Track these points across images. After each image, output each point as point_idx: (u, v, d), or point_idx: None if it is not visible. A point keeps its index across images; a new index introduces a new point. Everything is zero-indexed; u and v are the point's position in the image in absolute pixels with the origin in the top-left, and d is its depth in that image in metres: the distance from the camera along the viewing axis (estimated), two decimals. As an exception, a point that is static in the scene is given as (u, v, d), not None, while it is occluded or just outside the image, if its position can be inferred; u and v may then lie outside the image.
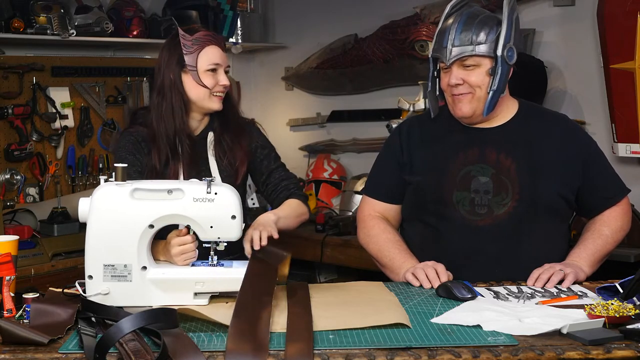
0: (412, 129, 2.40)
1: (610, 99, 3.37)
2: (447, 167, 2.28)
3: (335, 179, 4.45)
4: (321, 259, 3.99)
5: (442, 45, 2.23)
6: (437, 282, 2.08)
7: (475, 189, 2.25)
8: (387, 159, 2.42)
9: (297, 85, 4.80)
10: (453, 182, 2.26)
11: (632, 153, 3.32)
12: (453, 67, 2.22)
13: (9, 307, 1.83)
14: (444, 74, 2.27)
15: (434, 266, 2.15)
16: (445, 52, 2.22)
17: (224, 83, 2.34)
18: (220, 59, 2.35)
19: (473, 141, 2.29)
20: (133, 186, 1.89)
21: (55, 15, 3.64)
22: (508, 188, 2.23)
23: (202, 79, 2.31)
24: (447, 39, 2.22)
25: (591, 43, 3.59)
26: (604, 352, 1.61)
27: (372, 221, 2.39)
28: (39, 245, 3.41)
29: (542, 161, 2.26)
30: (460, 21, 2.23)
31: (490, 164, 2.26)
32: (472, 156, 2.27)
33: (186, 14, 4.18)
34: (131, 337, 1.60)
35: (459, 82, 2.22)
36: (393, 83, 4.36)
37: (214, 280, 1.91)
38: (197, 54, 2.32)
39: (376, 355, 1.58)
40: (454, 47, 2.21)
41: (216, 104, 2.35)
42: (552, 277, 2.11)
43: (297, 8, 4.71)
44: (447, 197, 2.26)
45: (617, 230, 2.33)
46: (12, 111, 3.67)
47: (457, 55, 2.21)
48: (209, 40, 2.33)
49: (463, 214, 2.24)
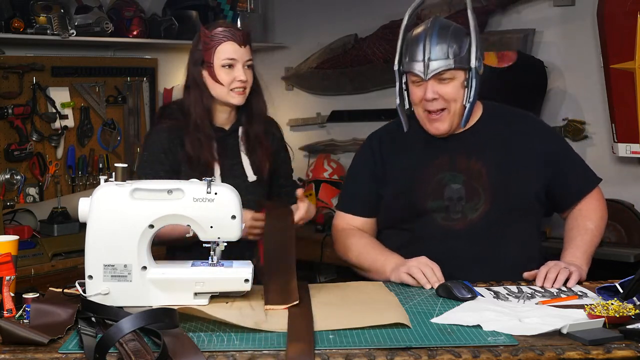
0: (383, 140, 2.38)
1: (610, 99, 3.37)
2: (420, 176, 2.28)
3: (335, 179, 4.45)
4: (321, 259, 3.99)
5: (416, 59, 2.19)
6: (437, 284, 2.07)
7: (449, 196, 2.25)
8: (361, 172, 2.40)
9: (297, 85, 4.80)
10: (426, 192, 2.26)
11: (632, 153, 3.32)
12: (429, 80, 2.19)
13: (9, 307, 1.83)
14: (415, 87, 2.23)
15: (428, 264, 2.13)
16: (422, 66, 2.18)
17: (241, 78, 2.35)
18: (235, 54, 2.35)
19: (443, 149, 2.29)
20: (133, 186, 1.89)
21: (55, 15, 3.64)
22: (480, 193, 2.24)
23: (218, 75, 2.34)
24: (422, 51, 2.18)
25: (591, 43, 3.59)
26: (604, 352, 1.61)
27: (346, 231, 2.38)
28: (39, 245, 3.41)
29: (512, 162, 2.27)
30: (434, 33, 2.19)
31: (461, 171, 2.26)
32: (443, 164, 2.27)
33: (186, 14, 4.19)
34: (131, 337, 1.60)
35: (435, 96, 2.19)
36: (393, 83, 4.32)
37: (214, 280, 1.91)
38: (213, 50, 2.34)
39: (376, 355, 1.58)
40: (431, 60, 2.17)
41: (236, 99, 2.37)
42: (559, 276, 2.11)
43: (297, 8, 4.71)
44: (421, 206, 2.26)
45: (599, 221, 2.34)
46: (12, 111, 3.67)
47: (436, 70, 2.17)
48: (225, 36, 2.34)
49: (438, 221, 2.25)
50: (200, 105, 2.36)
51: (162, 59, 4.38)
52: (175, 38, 4.15)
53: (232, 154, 2.43)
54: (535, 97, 3.69)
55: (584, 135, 3.67)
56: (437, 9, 4.07)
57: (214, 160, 2.36)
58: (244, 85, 2.37)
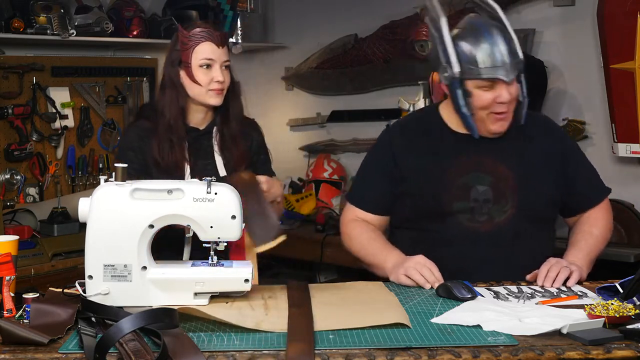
0: (401, 139, 2.36)
1: (610, 99, 3.37)
2: (444, 177, 2.26)
3: (335, 179, 4.45)
4: (321, 259, 4.00)
5: (495, 64, 2.14)
6: (437, 282, 2.08)
7: (475, 198, 2.24)
8: (375, 169, 2.38)
9: (297, 85, 4.80)
10: (452, 193, 2.25)
11: (632, 153, 3.32)
12: (499, 82, 2.16)
13: (9, 307, 1.83)
14: (483, 91, 2.17)
15: (426, 264, 2.13)
16: (504, 70, 2.15)
17: (219, 79, 2.35)
18: (213, 55, 2.35)
19: (467, 149, 2.28)
20: (133, 186, 1.89)
21: (55, 15, 3.64)
22: (507, 196, 2.24)
23: (196, 75, 2.34)
24: (499, 55, 2.14)
25: (591, 43, 3.59)
26: (604, 352, 1.61)
27: (353, 223, 2.38)
28: (39, 245, 3.41)
29: (534, 166, 2.28)
30: (498, 34, 2.17)
31: (487, 173, 2.25)
32: (469, 165, 2.26)
33: (186, 14, 4.19)
34: (131, 337, 1.60)
35: (511, 97, 2.18)
36: (393, 83, 4.36)
37: (214, 280, 1.91)
38: (191, 50, 2.35)
39: (376, 355, 1.58)
40: (508, 63, 2.14)
41: (214, 99, 2.37)
42: (560, 274, 2.11)
43: (297, 8, 4.71)
44: (446, 208, 2.25)
45: (605, 229, 2.35)
46: (12, 111, 3.67)
47: (516, 70, 2.15)
48: (203, 36, 2.35)
49: (463, 222, 2.24)
50: (175, 106, 2.36)
51: (162, 59, 4.34)
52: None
53: (205, 154, 2.41)
54: (536, 97, 3.68)
55: (584, 135, 3.67)
56: (437, 9, 4.07)
57: (184, 160, 2.36)
58: (222, 87, 2.37)
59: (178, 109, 2.36)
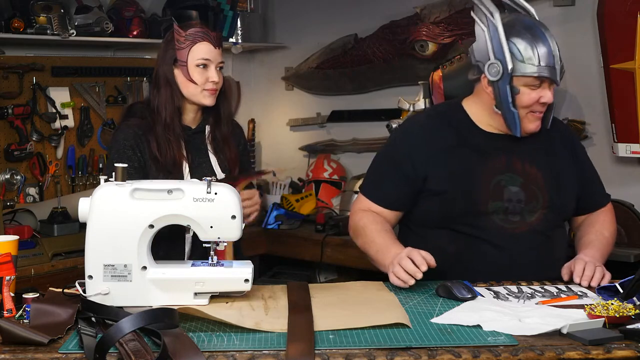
0: (419, 137, 2.31)
1: (610, 99, 3.37)
2: (478, 176, 2.24)
3: (335, 179, 4.45)
4: (321, 259, 3.99)
5: (549, 64, 2.15)
6: (419, 274, 2.01)
7: (509, 198, 2.23)
8: (392, 168, 2.32)
9: (297, 85, 4.80)
10: (486, 193, 2.23)
11: (632, 153, 3.32)
12: (545, 82, 2.17)
13: (9, 307, 1.83)
14: (530, 90, 2.18)
15: (409, 255, 2.04)
16: (555, 72, 2.16)
17: (214, 79, 2.37)
18: (210, 55, 2.37)
19: (497, 147, 2.27)
20: (133, 186, 1.89)
21: (55, 15, 3.64)
22: (538, 197, 2.25)
23: (192, 74, 2.36)
24: (552, 56, 2.16)
25: (591, 43, 3.59)
26: (604, 352, 1.61)
27: (362, 213, 2.33)
28: (39, 245, 3.40)
29: (559, 166, 2.30)
30: (551, 35, 2.18)
31: (518, 173, 2.25)
32: (500, 164, 2.25)
33: (186, 14, 4.18)
34: (131, 337, 1.60)
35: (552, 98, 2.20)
36: (393, 83, 4.35)
37: (214, 280, 1.91)
38: (188, 50, 2.36)
39: (376, 355, 1.58)
40: (558, 64, 2.17)
41: (208, 99, 2.40)
42: (596, 274, 2.11)
43: (297, 8, 4.71)
44: (482, 207, 2.22)
45: (614, 233, 2.39)
46: (12, 111, 3.67)
47: (561, 73, 2.17)
48: (200, 36, 2.36)
49: (498, 223, 2.23)
50: (171, 104, 2.38)
51: (162, 59, 4.38)
52: (175, 38, 4.15)
53: (199, 153, 2.44)
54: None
55: (584, 135, 3.67)
56: (437, 9, 4.07)
57: (183, 158, 2.37)
58: (216, 87, 2.39)
59: (174, 107, 2.38)
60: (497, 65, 2.17)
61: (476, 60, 2.24)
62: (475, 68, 2.26)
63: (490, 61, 2.18)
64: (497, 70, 2.17)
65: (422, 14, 4.12)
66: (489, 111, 2.26)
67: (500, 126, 2.27)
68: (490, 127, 2.29)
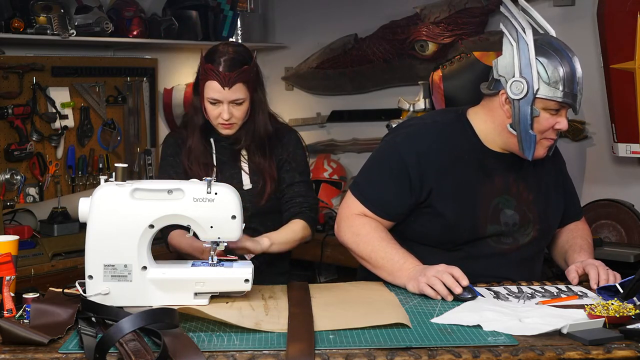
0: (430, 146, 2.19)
1: (610, 99, 3.37)
2: (479, 199, 2.18)
3: (335, 179, 4.45)
4: (321, 259, 3.99)
5: (574, 91, 2.07)
6: (458, 289, 1.97)
7: (505, 221, 2.21)
8: (395, 175, 2.19)
9: (297, 85, 4.80)
10: (485, 217, 2.19)
11: (632, 153, 3.32)
12: (564, 109, 2.11)
13: (9, 307, 1.83)
14: (549, 114, 2.09)
15: (448, 271, 2.00)
16: (577, 100, 2.09)
17: (224, 117, 2.38)
18: (217, 95, 2.36)
19: (495, 168, 2.21)
20: (133, 186, 1.89)
21: (55, 15, 3.64)
22: (530, 219, 2.24)
23: (206, 107, 2.41)
24: (577, 81, 2.07)
25: (591, 43, 3.59)
26: (604, 352, 1.61)
27: (360, 219, 2.20)
28: (39, 245, 3.41)
29: (546, 185, 2.28)
30: (578, 61, 2.09)
31: (512, 195, 2.22)
32: (498, 186, 2.21)
33: (186, 14, 4.19)
34: (131, 337, 1.60)
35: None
36: (393, 83, 4.36)
37: (214, 280, 1.91)
38: (203, 83, 2.39)
39: (376, 355, 1.58)
40: (581, 92, 2.10)
41: (224, 131, 2.44)
42: (610, 277, 2.09)
43: (297, 8, 4.71)
44: (480, 232, 2.19)
45: (591, 242, 2.40)
46: (12, 111, 3.67)
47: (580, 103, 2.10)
48: (211, 75, 2.35)
49: (491, 244, 2.21)
50: (196, 129, 2.45)
51: (162, 59, 4.38)
52: (175, 38, 4.15)
53: (231, 164, 2.48)
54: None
55: (584, 135, 3.67)
56: (437, 9, 4.07)
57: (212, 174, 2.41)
58: (230, 122, 2.40)
59: (199, 132, 2.45)
60: (522, 83, 2.06)
61: (499, 75, 2.12)
62: (493, 82, 2.16)
63: (515, 78, 2.07)
64: (522, 88, 2.07)
65: (422, 14, 4.12)
66: (499, 129, 2.17)
67: (506, 145, 2.19)
68: (494, 144, 2.21)
